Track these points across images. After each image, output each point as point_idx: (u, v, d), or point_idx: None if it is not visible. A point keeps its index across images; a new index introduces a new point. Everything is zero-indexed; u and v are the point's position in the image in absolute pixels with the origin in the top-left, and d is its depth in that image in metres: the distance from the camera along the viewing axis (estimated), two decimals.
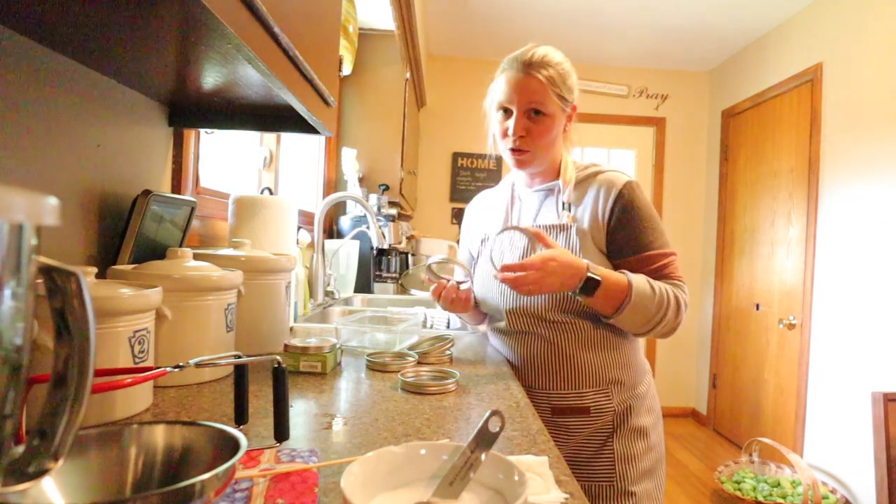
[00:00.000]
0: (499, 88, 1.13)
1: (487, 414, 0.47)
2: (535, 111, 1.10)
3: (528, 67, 1.08)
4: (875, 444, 2.24)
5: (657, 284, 1.05)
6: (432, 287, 1.19)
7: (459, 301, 1.18)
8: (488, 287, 1.20)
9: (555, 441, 1.01)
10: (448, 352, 1.13)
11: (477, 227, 1.33)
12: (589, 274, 1.00)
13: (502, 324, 1.19)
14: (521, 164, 1.15)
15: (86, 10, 0.61)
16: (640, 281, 1.03)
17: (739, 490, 2.71)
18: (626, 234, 1.09)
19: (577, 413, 1.10)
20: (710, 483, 2.98)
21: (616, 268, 1.09)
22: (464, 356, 1.20)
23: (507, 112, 1.13)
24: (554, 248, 1.00)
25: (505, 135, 1.13)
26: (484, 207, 1.34)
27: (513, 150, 1.13)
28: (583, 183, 1.15)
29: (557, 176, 1.19)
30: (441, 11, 3.41)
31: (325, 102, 1.01)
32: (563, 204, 1.15)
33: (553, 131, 1.12)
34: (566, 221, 1.13)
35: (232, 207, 1.36)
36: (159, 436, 0.48)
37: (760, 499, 2.62)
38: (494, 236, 1.19)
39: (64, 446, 0.27)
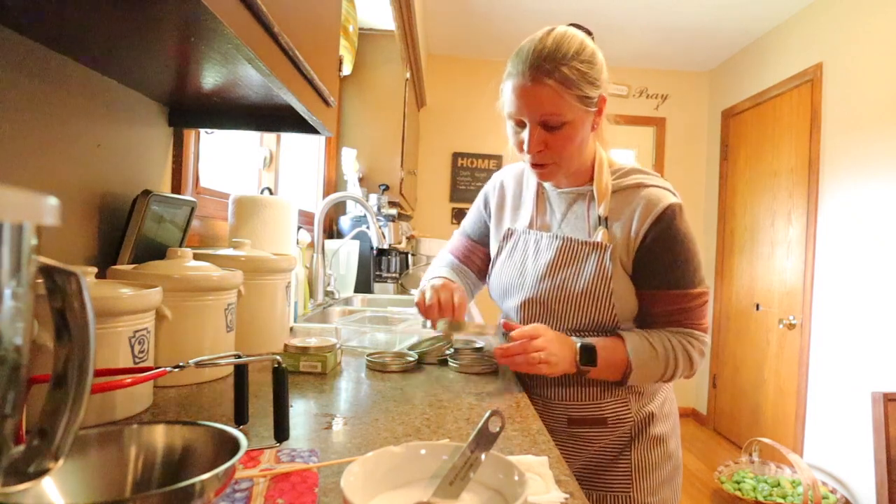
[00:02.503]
0: (507, 97, 0.97)
1: (487, 414, 0.47)
2: (551, 124, 0.94)
3: (537, 72, 0.90)
4: (875, 444, 2.24)
5: (661, 342, 0.97)
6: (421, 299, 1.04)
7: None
8: (507, 288, 1.10)
9: (570, 451, 1.03)
10: (448, 351, 1.13)
11: (501, 214, 1.17)
12: (579, 343, 0.94)
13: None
14: (545, 177, 1.02)
15: (86, 11, 0.61)
16: (636, 341, 0.96)
17: (739, 490, 2.71)
18: (656, 264, 0.97)
19: (594, 424, 1.02)
20: (710, 483, 2.98)
21: (640, 297, 1.00)
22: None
23: (520, 124, 0.97)
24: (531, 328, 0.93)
25: (521, 148, 0.98)
26: (512, 194, 1.17)
27: (533, 164, 0.99)
28: (621, 195, 1.00)
29: (589, 178, 1.03)
30: (441, 11, 3.41)
31: (325, 102, 1.01)
32: (599, 218, 1.00)
33: (577, 139, 0.96)
34: (601, 240, 0.98)
35: (232, 207, 1.36)
36: (159, 436, 0.48)
37: (760, 499, 2.62)
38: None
39: (64, 446, 0.27)
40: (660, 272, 0.97)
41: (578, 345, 0.94)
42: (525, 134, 0.95)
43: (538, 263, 1.04)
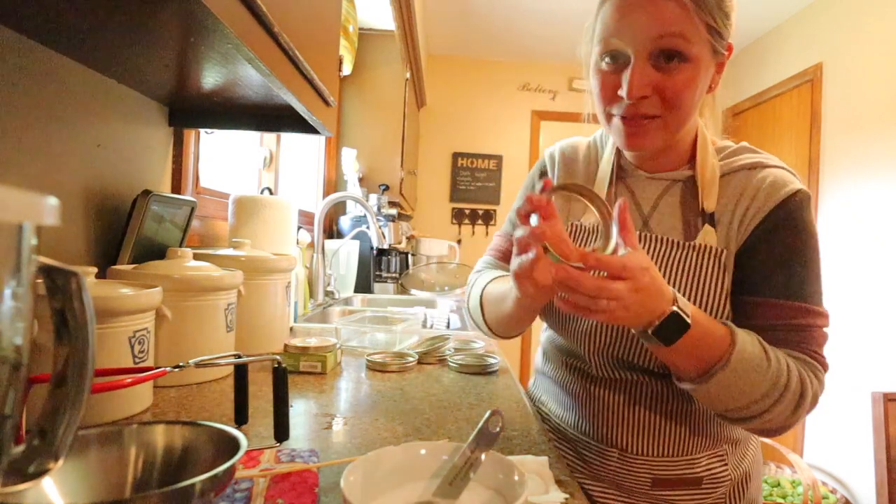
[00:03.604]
0: (605, 20, 0.70)
1: (487, 414, 0.47)
2: (670, 54, 0.67)
3: None
4: (875, 444, 2.24)
5: (777, 356, 0.67)
6: (529, 229, 0.59)
7: (537, 283, 0.59)
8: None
9: None
10: (447, 351, 1.13)
11: (561, 203, 0.87)
12: (675, 308, 0.61)
13: (585, 364, 0.82)
14: (637, 143, 0.72)
15: (86, 10, 0.61)
16: (747, 342, 0.66)
17: None
18: (770, 262, 0.71)
19: (685, 485, 0.77)
20: None
21: (736, 305, 0.74)
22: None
23: (616, 59, 0.70)
24: (641, 253, 0.60)
25: (612, 97, 0.71)
26: (580, 172, 0.87)
27: (626, 118, 0.70)
28: (730, 179, 0.76)
29: (689, 160, 0.79)
30: (441, 11, 3.41)
31: (325, 102, 1.01)
32: (703, 214, 0.75)
33: (698, 88, 0.69)
34: (713, 244, 0.73)
35: (232, 207, 1.36)
36: (159, 436, 0.48)
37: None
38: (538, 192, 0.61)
39: (64, 446, 0.27)
40: (777, 273, 0.71)
41: (672, 309, 0.61)
42: (626, 75, 0.68)
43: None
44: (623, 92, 0.69)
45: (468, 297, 0.92)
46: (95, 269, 0.72)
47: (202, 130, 1.32)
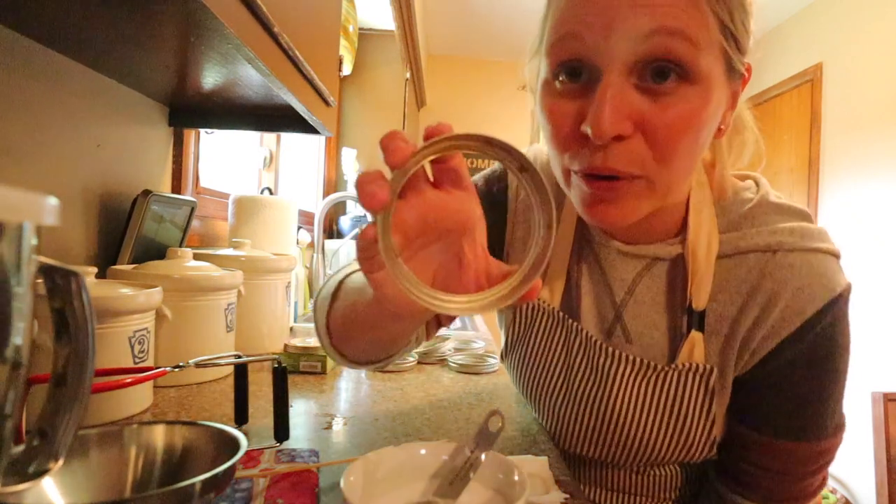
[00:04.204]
0: (559, 13, 0.46)
1: (487, 414, 0.47)
2: (664, 66, 0.43)
3: None
4: (875, 444, 2.24)
5: None
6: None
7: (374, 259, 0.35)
8: (535, 395, 0.67)
9: None
10: (447, 351, 1.13)
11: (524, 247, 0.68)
12: None
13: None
14: (606, 216, 0.48)
15: (86, 10, 0.61)
16: None
17: None
18: (787, 403, 0.54)
19: None
20: None
21: (726, 425, 0.58)
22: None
23: (577, 74, 0.46)
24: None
25: (570, 137, 0.46)
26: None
27: (591, 175, 0.46)
28: (735, 263, 0.54)
29: (680, 228, 0.56)
30: (441, 11, 3.41)
31: (325, 102, 1.01)
32: (693, 314, 0.54)
33: (704, 127, 0.46)
34: (699, 359, 0.55)
35: (232, 207, 1.36)
36: (159, 436, 0.48)
37: None
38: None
39: (64, 446, 0.27)
40: (788, 413, 0.54)
41: None
42: (597, 98, 0.43)
43: (591, 394, 0.61)
44: (588, 127, 0.43)
45: (324, 285, 0.60)
46: (95, 269, 0.72)
47: (202, 130, 1.32)
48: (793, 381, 0.53)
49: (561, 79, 0.47)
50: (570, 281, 0.63)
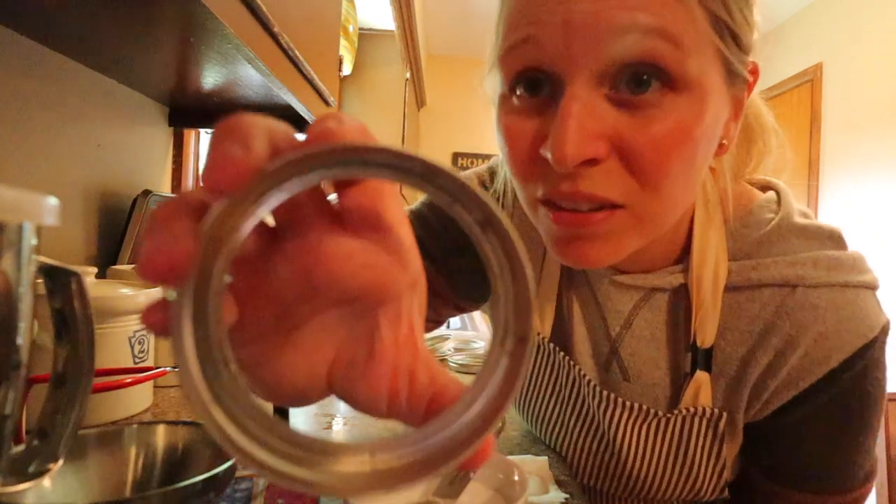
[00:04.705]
0: (511, 14, 0.40)
1: None
2: (642, 69, 0.34)
3: None
4: None
5: None
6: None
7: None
8: (542, 426, 0.62)
9: None
10: (447, 351, 1.13)
11: None
12: None
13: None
14: (578, 256, 0.40)
15: (86, 11, 0.61)
16: None
17: None
18: (804, 450, 0.48)
19: None
20: None
21: (749, 479, 0.52)
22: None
23: (537, 86, 0.38)
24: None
25: (530, 161, 0.38)
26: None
27: (558, 205, 0.38)
28: (746, 297, 0.46)
29: (682, 254, 0.49)
30: (441, 11, 3.41)
31: (325, 102, 1.01)
32: (697, 352, 0.48)
33: (700, 144, 0.37)
34: (706, 402, 0.48)
35: None
36: (159, 436, 0.48)
37: None
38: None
39: (64, 446, 0.27)
40: (799, 462, 0.48)
41: None
42: (559, 115, 0.35)
43: (587, 433, 0.56)
44: (547, 151, 0.35)
45: None
46: (95, 269, 0.73)
47: (202, 130, 1.32)
48: (816, 435, 0.46)
49: (518, 93, 0.39)
50: (562, 308, 0.55)
